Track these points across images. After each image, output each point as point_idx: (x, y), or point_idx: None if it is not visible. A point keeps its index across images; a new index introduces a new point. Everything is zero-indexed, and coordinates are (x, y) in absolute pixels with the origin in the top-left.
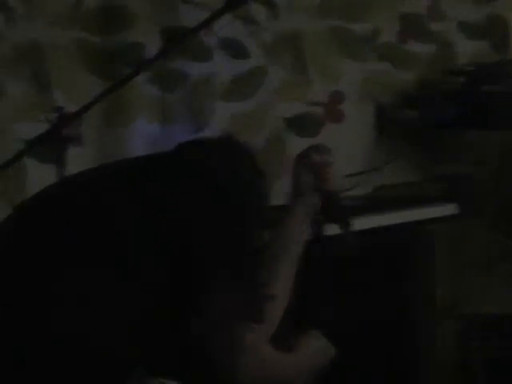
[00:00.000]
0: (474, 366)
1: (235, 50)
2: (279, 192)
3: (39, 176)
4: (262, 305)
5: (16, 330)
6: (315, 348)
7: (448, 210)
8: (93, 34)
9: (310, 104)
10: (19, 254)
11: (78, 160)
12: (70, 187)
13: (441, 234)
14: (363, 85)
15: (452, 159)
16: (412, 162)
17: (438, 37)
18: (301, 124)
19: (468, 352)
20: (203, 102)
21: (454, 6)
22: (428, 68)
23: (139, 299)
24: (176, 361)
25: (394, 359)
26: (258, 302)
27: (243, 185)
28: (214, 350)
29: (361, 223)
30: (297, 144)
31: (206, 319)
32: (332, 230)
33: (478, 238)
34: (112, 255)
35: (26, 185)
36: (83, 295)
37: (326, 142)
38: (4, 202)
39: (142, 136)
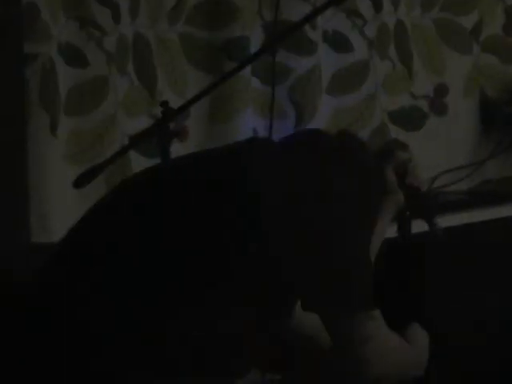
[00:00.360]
0: None
1: (339, 43)
2: None
3: None
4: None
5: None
6: (426, 339)
7: None
8: (198, 29)
9: (414, 97)
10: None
11: (182, 154)
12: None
13: None
14: (468, 78)
15: None
16: None
17: None
18: (405, 117)
19: None
20: (308, 96)
21: None
22: None
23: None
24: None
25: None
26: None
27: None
28: (337, 343)
29: (464, 217)
30: (400, 137)
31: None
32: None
33: None
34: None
35: None
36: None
37: (431, 136)
38: None
39: (247, 130)
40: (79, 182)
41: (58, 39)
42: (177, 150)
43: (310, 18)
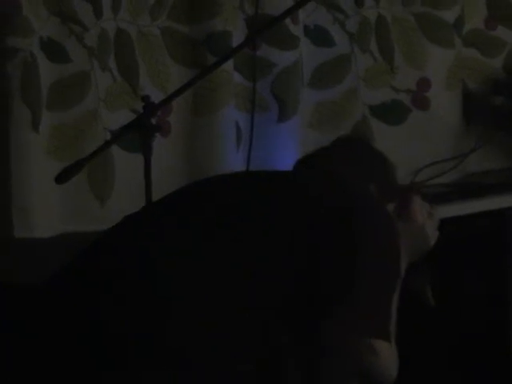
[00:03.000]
0: None
1: (321, 37)
2: None
3: (126, 165)
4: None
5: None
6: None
7: None
8: (180, 23)
9: (396, 91)
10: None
11: (165, 149)
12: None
13: None
14: (450, 72)
15: None
16: (500, 149)
17: None
18: (387, 111)
19: None
20: (290, 90)
21: None
22: None
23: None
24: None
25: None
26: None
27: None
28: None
29: (448, 210)
30: (383, 132)
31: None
32: None
33: None
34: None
35: (114, 174)
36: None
37: (413, 130)
38: (92, 191)
39: (230, 124)
40: (61, 178)
41: (39, 34)
42: (159, 144)
43: (291, 12)
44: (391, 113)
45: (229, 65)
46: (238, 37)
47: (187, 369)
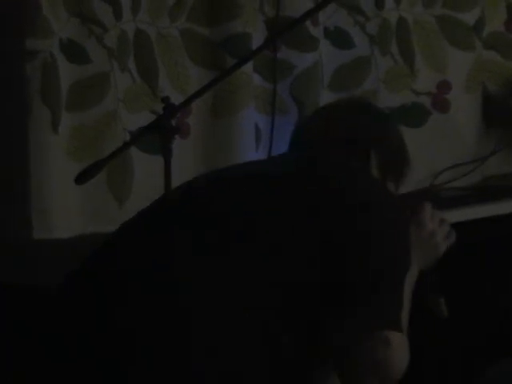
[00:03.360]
0: None
1: (341, 39)
2: None
3: (145, 167)
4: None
5: None
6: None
7: None
8: (199, 25)
9: (416, 94)
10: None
11: (184, 151)
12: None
13: None
14: (470, 74)
15: None
16: None
17: None
18: (407, 114)
19: None
20: (309, 92)
21: None
22: None
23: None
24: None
25: None
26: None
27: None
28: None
29: (467, 213)
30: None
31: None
32: None
33: None
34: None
35: (133, 176)
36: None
37: (433, 132)
38: (111, 193)
39: (249, 127)
40: (81, 178)
41: (59, 35)
42: (178, 146)
43: (311, 14)
44: (411, 115)
45: (248, 67)
46: (257, 39)
47: (190, 369)
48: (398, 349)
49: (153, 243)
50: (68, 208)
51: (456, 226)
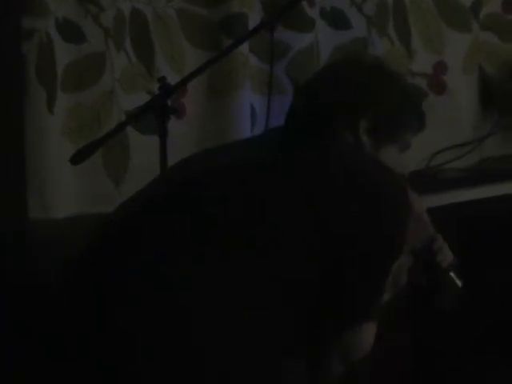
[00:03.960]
0: None
1: (337, 20)
2: None
3: (141, 147)
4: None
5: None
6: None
7: None
8: (196, 5)
9: (412, 75)
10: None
11: (179, 131)
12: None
13: None
14: (467, 56)
15: None
16: None
17: None
18: None
19: None
20: (306, 73)
21: None
22: None
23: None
24: None
25: None
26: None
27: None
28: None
29: (464, 195)
30: None
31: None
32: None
33: None
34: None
35: (129, 156)
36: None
37: (430, 114)
38: (107, 173)
39: (245, 107)
40: (76, 159)
41: (55, 15)
42: (174, 126)
43: None
44: None
45: (244, 47)
46: (254, 19)
47: (190, 368)
48: (367, 335)
49: (152, 237)
50: (64, 188)
51: (453, 207)
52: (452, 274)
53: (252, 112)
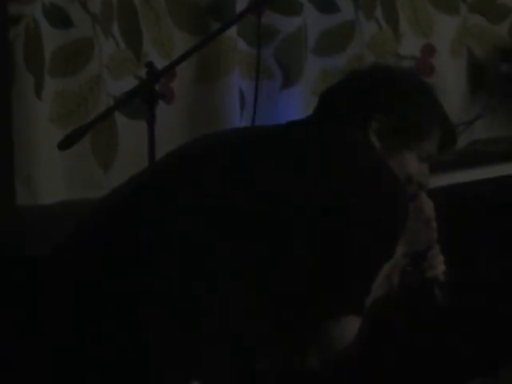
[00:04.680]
0: None
1: (325, 4)
2: None
3: (130, 133)
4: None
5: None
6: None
7: None
8: None
9: (401, 58)
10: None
11: (168, 116)
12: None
13: None
14: (456, 38)
15: None
16: (506, 116)
17: None
18: None
19: None
20: (294, 57)
21: None
22: None
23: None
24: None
25: None
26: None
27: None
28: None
29: (454, 177)
30: None
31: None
32: None
33: None
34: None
35: (117, 141)
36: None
37: None
38: (95, 158)
39: (234, 91)
40: (64, 144)
41: (42, 0)
42: (163, 111)
43: None
44: None
45: (232, 31)
46: (241, 3)
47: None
48: (350, 328)
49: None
50: (52, 174)
51: (442, 189)
52: (436, 288)
53: (241, 96)
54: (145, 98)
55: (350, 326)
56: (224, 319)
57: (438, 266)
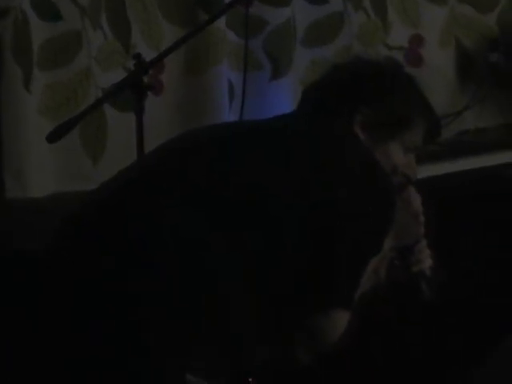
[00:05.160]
0: None
1: None
2: None
3: (119, 125)
4: None
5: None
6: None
7: None
8: None
9: (389, 48)
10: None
11: (157, 108)
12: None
13: None
14: (444, 28)
15: None
16: (495, 106)
17: None
18: None
19: None
20: (283, 48)
21: None
22: (511, 11)
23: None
24: None
25: None
26: None
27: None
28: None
29: (442, 168)
30: None
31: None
32: None
33: None
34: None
35: (106, 134)
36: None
37: None
38: (84, 151)
39: (223, 83)
40: (53, 136)
41: None
42: (152, 103)
43: None
44: None
45: (221, 23)
46: None
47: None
48: (338, 322)
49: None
50: (41, 167)
51: (431, 180)
52: (423, 282)
53: (230, 88)
54: (133, 90)
55: (339, 320)
56: (223, 318)
57: (425, 260)
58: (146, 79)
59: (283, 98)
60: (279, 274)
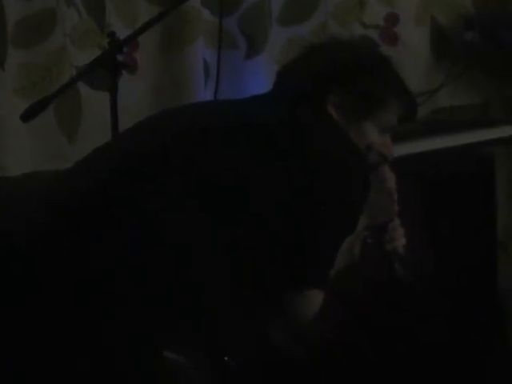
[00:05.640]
0: None
1: None
2: None
3: (94, 104)
4: None
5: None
6: None
7: (508, 131)
8: None
9: (365, 26)
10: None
11: (132, 86)
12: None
13: (500, 157)
14: (419, 7)
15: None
16: (470, 85)
17: None
18: None
19: None
20: (258, 26)
21: None
22: None
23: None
24: None
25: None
26: None
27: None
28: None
29: (417, 146)
30: None
31: None
32: None
33: None
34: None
35: (81, 112)
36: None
37: None
38: (60, 130)
39: (198, 61)
40: (27, 115)
41: None
42: (127, 81)
43: None
44: None
45: (196, 1)
46: None
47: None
48: (313, 302)
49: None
50: (17, 146)
51: (406, 158)
52: (396, 261)
53: (205, 66)
54: (107, 68)
55: (314, 299)
56: (198, 293)
57: (398, 238)
58: (120, 57)
59: (258, 76)
60: (255, 251)
